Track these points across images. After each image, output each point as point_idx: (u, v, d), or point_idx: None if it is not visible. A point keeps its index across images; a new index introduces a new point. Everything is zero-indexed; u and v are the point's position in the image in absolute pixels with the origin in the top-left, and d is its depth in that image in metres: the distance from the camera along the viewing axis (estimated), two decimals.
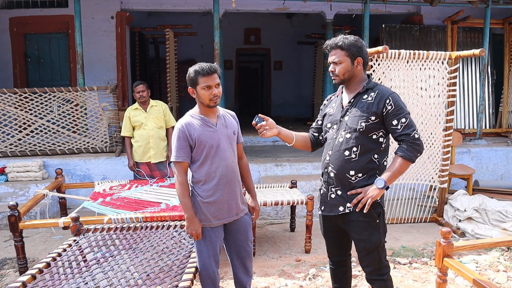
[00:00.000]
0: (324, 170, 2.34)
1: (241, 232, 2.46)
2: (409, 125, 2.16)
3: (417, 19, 7.76)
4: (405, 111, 2.18)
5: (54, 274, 2.26)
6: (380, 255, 2.27)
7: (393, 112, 2.15)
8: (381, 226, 2.26)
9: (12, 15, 7.16)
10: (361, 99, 2.22)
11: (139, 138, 4.45)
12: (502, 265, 3.55)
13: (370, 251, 2.24)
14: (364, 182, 2.21)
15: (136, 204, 3.64)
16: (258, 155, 6.23)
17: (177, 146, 2.31)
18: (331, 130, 2.32)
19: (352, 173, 2.21)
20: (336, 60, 2.23)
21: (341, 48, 2.21)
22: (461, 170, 5.13)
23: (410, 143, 2.15)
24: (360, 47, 2.22)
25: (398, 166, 2.17)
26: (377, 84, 2.27)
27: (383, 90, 2.22)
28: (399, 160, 2.17)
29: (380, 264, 2.28)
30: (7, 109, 5.54)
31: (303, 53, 11.51)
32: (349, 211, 2.23)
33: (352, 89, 2.29)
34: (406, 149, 2.16)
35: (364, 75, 2.29)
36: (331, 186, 2.29)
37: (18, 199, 4.95)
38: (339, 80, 2.26)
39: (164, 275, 2.23)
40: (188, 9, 7.44)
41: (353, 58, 2.21)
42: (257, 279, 3.32)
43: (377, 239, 2.23)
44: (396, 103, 2.16)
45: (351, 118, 2.21)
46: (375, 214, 2.22)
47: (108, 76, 7.31)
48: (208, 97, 2.27)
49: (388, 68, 4.25)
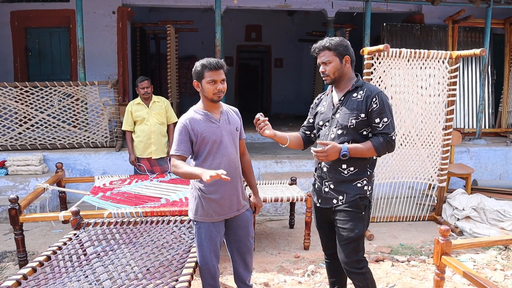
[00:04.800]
0: (318, 165, 2.45)
1: (242, 228, 2.48)
2: (390, 126, 2.26)
3: (418, 18, 7.75)
4: (388, 112, 2.26)
5: (55, 267, 2.27)
6: (359, 247, 2.35)
7: (377, 110, 2.25)
8: (366, 218, 2.37)
9: (13, 9, 7.14)
10: (351, 97, 2.32)
11: (141, 134, 4.46)
12: (499, 263, 3.57)
13: (351, 241, 2.32)
14: (356, 176, 2.31)
15: (136, 198, 3.65)
16: (258, 152, 6.24)
17: (178, 140, 2.32)
18: (323, 127, 2.42)
19: (344, 166, 2.31)
20: (326, 60, 2.32)
21: (329, 48, 2.30)
22: (460, 169, 5.15)
23: (387, 140, 2.25)
24: (346, 46, 2.32)
25: (366, 149, 2.25)
26: (365, 82, 2.38)
27: (371, 88, 2.31)
28: (369, 146, 2.26)
29: (358, 256, 2.35)
30: (8, 102, 5.54)
31: (304, 51, 11.49)
32: (342, 203, 2.32)
33: (342, 87, 2.38)
34: (381, 143, 2.25)
35: (353, 74, 2.39)
36: (325, 181, 2.39)
37: (18, 192, 4.96)
38: (330, 79, 2.35)
39: (164, 270, 2.24)
40: (189, 5, 7.43)
41: (341, 57, 2.31)
42: (256, 275, 3.33)
43: (360, 229, 2.32)
44: (381, 102, 2.25)
45: (342, 115, 2.31)
46: (362, 206, 2.32)
47: (109, 71, 7.30)
48: (212, 91, 2.29)
49: (389, 66, 4.25)
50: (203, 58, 2.37)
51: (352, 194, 2.31)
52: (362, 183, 2.33)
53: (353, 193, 2.31)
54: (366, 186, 2.34)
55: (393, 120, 2.29)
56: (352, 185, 2.32)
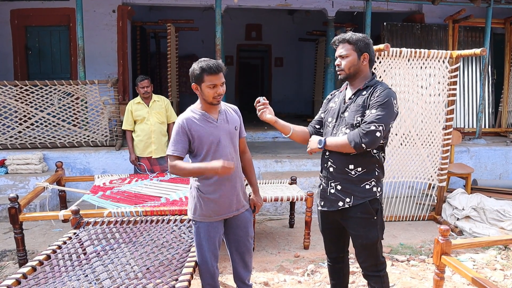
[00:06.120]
0: (324, 165, 2.35)
1: (241, 228, 2.46)
2: (375, 119, 2.09)
3: (418, 17, 7.75)
4: (386, 108, 2.11)
5: (54, 266, 2.27)
6: (377, 251, 2.29)
7: (375, 103, 2.12)
8: (379, 222, 2.27)
9: (13, 7, 7.13)
10: (360, 95, 2.22)
11: (141, 133, 4.46)
12: (499, 263, 3.57)
13: (367, 247, 2.26)
14: (364, 176, 2.22)
15: (136, 198, 3.65)
16: (258, 151, 6.24)
17: (175, 140, 2.30)
18: (331, 124, 2.33)
19: (351, 167, 2.22)
20: (343, 53, 2.22)
21: (349, 42, 2.21)
22: (460, 169, 5.15)
23: (361, 129, 2.11)
24: (367, 44, 2.23)
25: (340, 141, 2.18)
26: (378, 81, 2.25)
27: (381, 85, 2.20)
28: (343, 138, 2.17)
29: (376, 260, 2.30)
30: (8, 101, 5.54)
31: (304, 50, 11.50)
32: (349, 206, 2.24)
33: (356, 85, 2.28)
34: (353, 132, 2.14)
35: (369, 73, 2.28)
36: (331, 181, 2.30)
37: (18, 191, 4.97)
38: (344, 74, 2.25)
39: (164, 269, 2.24)
40: (189, 4, 7.42)
41: (359, 53, 2.21)
42: (256, 274, 3.33)
43: (375, 235, 2.25)
44: (383, 97, 2.11)
45: (349, 113, 2.22)
46: (373, 210, 2.24)
47: (109, 70, 7.30)
48: (212, 95, 2.25)
49: (389, 66, 4.25)
50: (203, 57, 2.33)
51: (361, 197, 2.21)
52: (370, 184, 2.23)
53: (361, 196, 2.21)
54: (375, 187, 2.24)
55: (387, 118, 2.11)
56: (360, 187, 2.22)
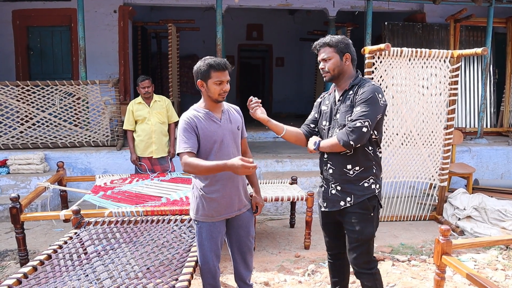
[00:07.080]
0: (323, 167, 2.40)
1: (242, 228, 2.46)
2: (361, 116, 2.14)
3: (419, 17, 7.73)
4: (371, 105, 2.15)
5: (55, 266, 2.27)
6: (370, 248, 2.35)
7: (361, 100, 2.18)
8: (375, 219, 2.35)
9: (15, 8, 7.14)
10: (347, 95, 2.28)
11: (142, 133, 4.47)
12: (500, 263, 3.56)
13: (362, 243, 2.31)
14: (362, 174, 2.28)
15: (137, 198, 3.65)
16: (259, 151, 6.24)
17: (185, 137, 2.24)
18: (326, 127, 2.39)
19: (349, 167, 2.28)
20: (326, 56, 2.29)
21: (329, 45, 2.28)
22: (461, 168, 5.14)
23: (348, 127, 2.17)
24: (347, 44, 2.29)
25: (331, 142, 2.26)
26: (363, 79, 2.30)
27: (365, 82, 2.25)
28: (333, 138, 2.26)
29: (369, 257, 2.35)
30: (9, 101, 5.55)
31: (305, 50, 11.46)
32: (350, 205, 2.29)
33: (342, 86, 2.34)
34: (342, 131, 2.21)
35: (353, 72, 2.34)
36: (331, 183, 2.35)
37: (19, 191, 4.98)
38: (329, 76, 2.31)
39: (164, 269, 2.25)
40: (190, 4, 7.42)
41: (341, 54, 2.27)
42: (257, 274, 3.34)
43: (371, 231, 2.32)
44: (368, 94, 2.16)
45: (340, 115, 2.29)
46: (370, 206, 2.30)
47: (110, 70, 7.31)
48: (218, 92, 2.27)
49: (390, 66, 4.25)
50: (204, 57, 2.32)
51: (360, 195, 2.27)
52: (369, 181, 2.29)
53: (361, 194, 2.27)
54: (374, 184, 2.30)
55: (372, 114, 2.15)
56: (359, 185, 2.28)
